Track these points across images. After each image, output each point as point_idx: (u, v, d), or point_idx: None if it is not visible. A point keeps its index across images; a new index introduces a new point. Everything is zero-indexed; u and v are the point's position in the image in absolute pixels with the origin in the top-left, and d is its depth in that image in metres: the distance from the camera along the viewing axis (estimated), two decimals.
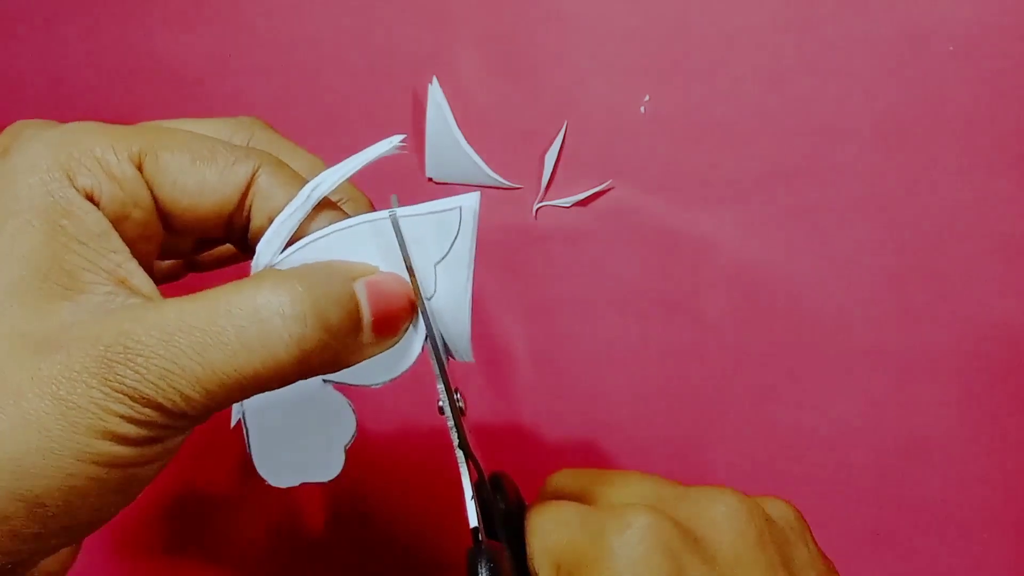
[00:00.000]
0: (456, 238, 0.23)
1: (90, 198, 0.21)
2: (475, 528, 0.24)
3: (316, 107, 0.40)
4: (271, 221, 0.23)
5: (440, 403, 0.24)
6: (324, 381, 0.25)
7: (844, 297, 0.37)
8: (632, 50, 0.38)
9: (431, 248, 0.23)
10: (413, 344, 0.24)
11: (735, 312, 0.38)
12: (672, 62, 0.38)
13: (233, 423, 0.25)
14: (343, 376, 0.24)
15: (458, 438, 0.24)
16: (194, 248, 0.26)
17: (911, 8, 0.37)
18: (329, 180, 0.23)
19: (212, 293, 0.20)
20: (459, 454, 0.24)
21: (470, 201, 0.23)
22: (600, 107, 0.38)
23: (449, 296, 0.23)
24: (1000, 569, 0.36)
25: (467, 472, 0.24)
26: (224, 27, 0.40)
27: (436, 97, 0.39)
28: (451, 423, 0.24)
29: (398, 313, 0.22)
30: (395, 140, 0.23)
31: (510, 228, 0.39)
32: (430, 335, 0.23)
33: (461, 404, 0.24)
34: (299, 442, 0.25)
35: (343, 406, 0.25)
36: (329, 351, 0.21)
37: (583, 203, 0.39)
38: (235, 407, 0.25)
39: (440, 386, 0.24)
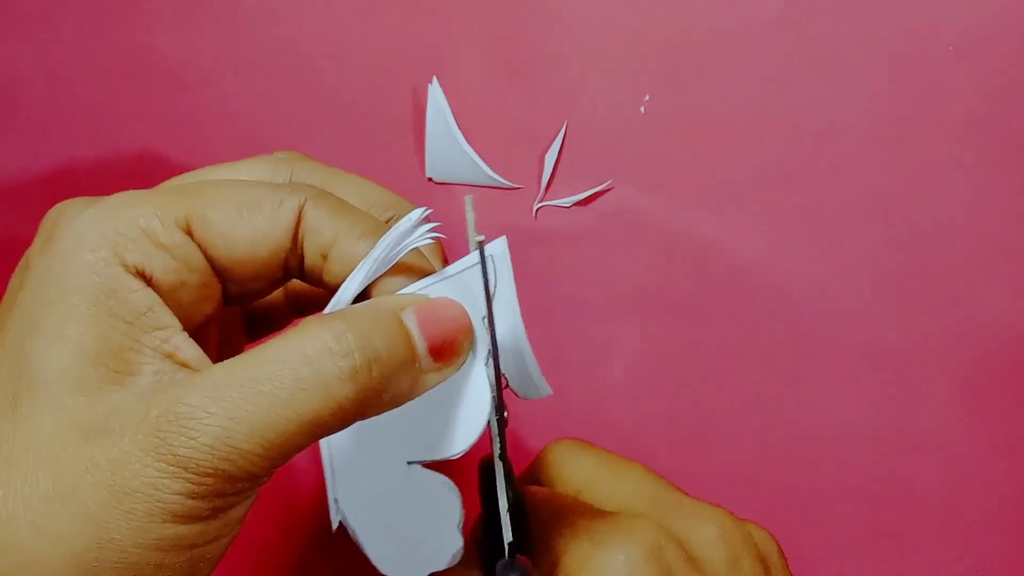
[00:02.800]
0: (496, 286, 0.22)
1: (141, 274, 0.20)
2: (511, 544, 0.23)
3: (316, 107, 0.40)
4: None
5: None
6: (409, 464, 0.24)
7: (844, 297, 0.37)
8: (632, 50, 0.38)
9: (473, 304, 0.23)
10: (483, 401, 0.23)
11: (735, 312, 0.38)
12: (672, 62, 0.38)
13: (335, 526, 0.24)
14: (423, 453, 0.23)
15: (500, 448, 0.23)
16: (257, 293, 0.26)
17: (911, 8, 0.37)
18: (360, 276, 0.22)
19: (258, 348, 0.20)
20: (498, 465, 0.24)
21: (499, 247, 0.22)
22: (600, 107, 0.38)
23: (505, 343, 0.23)
24: (1000, 569, 0.36)
25: (504, 485, 0.23)
26: (224, 27, 0.40)
27: (436, 97, 0.39)
28: (495, 432, 0.23)
29: (454, 336, 0.22)
30: (417, 217, 0.22)
31: (510, 228, 0.39)
32: (496, 377, 0.23)
33: (506, 415, 0.24)
34: (409, 532, 0.24)
35: (440, 485, 0.24)
36: (386, 383, 0.20)
37: (583, 203, 0.39)
38: (332, 511, 0.24)
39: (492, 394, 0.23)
